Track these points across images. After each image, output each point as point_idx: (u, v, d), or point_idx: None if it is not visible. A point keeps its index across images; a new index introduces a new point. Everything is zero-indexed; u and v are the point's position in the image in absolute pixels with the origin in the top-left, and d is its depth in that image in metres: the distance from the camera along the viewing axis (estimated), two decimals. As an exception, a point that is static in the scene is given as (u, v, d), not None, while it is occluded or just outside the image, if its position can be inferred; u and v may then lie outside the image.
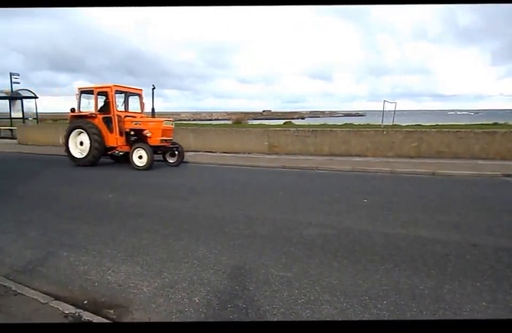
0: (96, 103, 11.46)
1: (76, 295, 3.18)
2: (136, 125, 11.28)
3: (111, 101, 11.18)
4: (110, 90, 11.18)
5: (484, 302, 2.99)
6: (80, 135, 11.54)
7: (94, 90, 11.41)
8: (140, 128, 11.16)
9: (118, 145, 11.44)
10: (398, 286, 3.27)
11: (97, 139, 11.15)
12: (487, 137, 11.98)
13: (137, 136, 11.21)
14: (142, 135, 11.05)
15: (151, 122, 11.25)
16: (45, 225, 5.15)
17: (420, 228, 4.92)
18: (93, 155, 11.23)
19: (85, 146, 11.37)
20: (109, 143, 11.46)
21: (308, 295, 3.12)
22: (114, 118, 11.25)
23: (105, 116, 11.36)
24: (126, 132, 11.36)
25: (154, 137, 10.97)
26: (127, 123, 11.36)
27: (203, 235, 4.67)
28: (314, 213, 5.75)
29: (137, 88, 12.20)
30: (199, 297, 3.11)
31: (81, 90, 11.80)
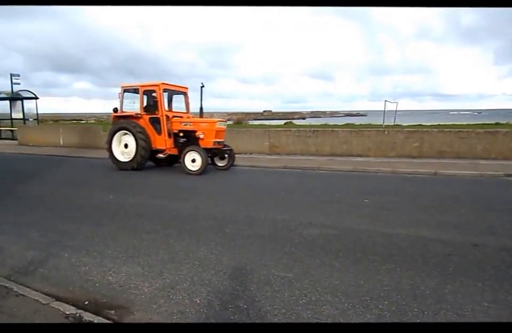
0: (141, 102, 10.68)
1: (77, 296, 3.19)
2: (186, 126, 10.49)
3: (159, 100, 10.36)
4: (158, 88, 10.38)
5: (485, 302, 2.98)
6: (124, 137, 10.77)
7: (140, 89, 10.61)
8: (191, 130, 10.37)
9: (166, 147, 10.61)
10: (399, 287, 3.26)
11: (144, 141, 10.34)
12: (489, 137, 11.96)
13: (187, 138, 10.43)
14: (193, 137, 10.29)
15: (203, 123, 10.49)
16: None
17: (421, 228, 4.91)
18: (139, 159, 10.42)
19: (130, 149, 10.57)
20: (156, 145, 10.66)
21: (309, 296, 3.11)
22: (163, 118, 10.46)
23: (152, 116, 10.58)
24: (174, 133, 10.58)
25: (207, 139, 10.17)
26: (175, 123, 10.58)
27: (204, 236, 4.67)
28: (315, 213, 5.74)
29: (183, 86, 11.39)
30: (200, 298, 3.11)
31: (124, 88, 10.98)
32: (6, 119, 22.35)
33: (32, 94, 22.50)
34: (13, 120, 22.03)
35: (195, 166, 9.85)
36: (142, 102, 10.62)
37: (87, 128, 19.76)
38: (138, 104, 10.67)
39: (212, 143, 10.17)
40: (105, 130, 17.22)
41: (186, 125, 10.52)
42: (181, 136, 10.52)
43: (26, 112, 22.43)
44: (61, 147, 17.71)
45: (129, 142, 10.61)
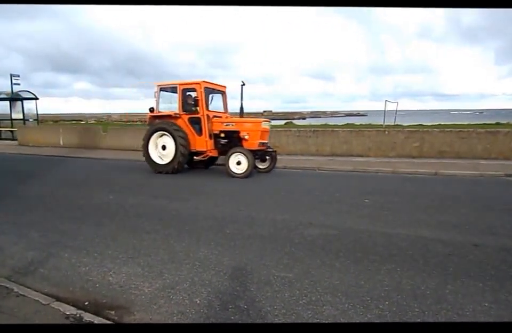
0: (180, 101, 10.10)
1: (77, 297, 3.18)
2: (228, 127, 9.93)
3: (200, 99, 9.81)
4: (198, 87, 9.85)
5: (486, 302, 2.97)
6: (162, 138, 10.24)
7: (179, 87, 10.07)
8: (233, 130, 9.82)
9: (207, 149, 10.11)
10: (399, 287, 3.26)
11: (184, 142, 9.81)
12: (489, 137, 11.96)
13: (229, 139, 9.94)
14: (235, 137, 9.79)
15: (247, 123, 9.90)
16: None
17: (421, 228, 4.91)
18: (179, 161, 9.89)
19: (168, 151, 10.04)
20: (196, 147, 10.16)
21: (310, 296, 3.11)
22: (204, 118, 9.92)
23: (192, 116, 10.07)
24: (215, 134, 10.06)
25: (252, 140, 9.60)
26: (216, 123, 10.03)
27: (204, 236, 4.67)
28: (315, 213, 5.74)
29: (222, 85, 10.89)
30: (200, 298, 3.11)
31: (160, 87, 10.45)
32: (6, 119, 22.36)
33: (32, 95, 22.51)
34: (13, 121, 22.04)
35: (240, 168, 9.38)
36: (180, 101, 10.11)
37: (87, 129, 19.78)
38: (177, 104, 10.15)
39: (257, 144, 9.62)
40: (105, 130, 17.25)
41: (228, 125, 9.97)
42: (222, 137, 10.00)
43: (26, 113, 22.45)
44: (61, 147, 17.72)
45: (168, 143, 10.07)
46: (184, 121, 10.08)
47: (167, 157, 10.07)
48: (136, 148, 15.62)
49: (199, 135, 10.07)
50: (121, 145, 16.24)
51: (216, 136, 10.06)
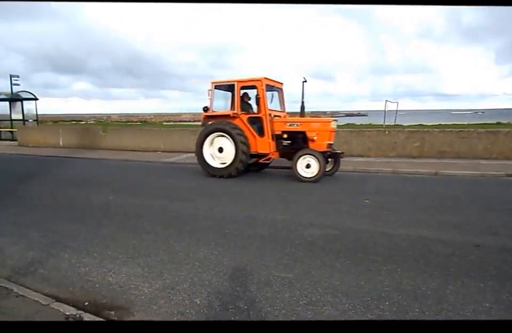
0: (238, 100, 9.44)
1: (77, 297, 3.18)
2: (292, 127, 9.18)
3: (262, 97, 9.06)
4: (260, 84, 9.09)
5: (487, 303, 2.97)
6: (218, 140, 9.50)
7: (237, 85, 9.39)
8: (298, 131, 9.09)
9: (270, 151, 9.32)
10: (400, 287, 3.25)
11: (244, 144, 9.05)
12: (490, 137, 11.94)
13: (292, 140, 9.19)
14: (300, 138, 9.10)
15: (315, 123, 9.19)
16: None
17: (422, 228, 4.90)
18: (239, 164, 9.10)
19: (226, 153, 9.27)
20: (257, 149, 9.35)
21: (310, 296, 3.10)
22: (266, 118, 9.15)
23: (252, 116, 9.41)
24: (276, 135, 9.29)
25: (321, 141, 8.86)
26: (277, 123, 9.28)
27: (204, 236, 4.66)
28: (315, 213, 5.73)
29: (280, 82, 10.13)
30: (200, 298, 3.10)
31: (215, 85, 9.76)
32: (5, 120, 22.36)
33: (32, 95, 22.51)
34: (13, 121, 22.04)
35: (310, 172, 8.65)
36: (239, 100, 9.45)
37: (86, 129, 19.77)
38: (235, 103, 9.50)
39: (325, 145, 8.90)
40: (105, 131, 17.25)
41: (292, 125, 9.22)
42: (284, 138, 9.22)
43: (25, 113, 22.44)
44: (60, 147, 17.72)
45: (225, 145, 9.31)
46: (242, 122, 9.36)
47: (225, 159, 9.35)
48: (135, 148, 15.67)
49: (260, 137, 9.30)
50: (120, 146, 16.24)
51: (277, 137, 9.31)
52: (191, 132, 15.34)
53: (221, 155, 9.43)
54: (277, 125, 9.28)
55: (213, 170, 9.45)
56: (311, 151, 8.74)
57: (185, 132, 15.58)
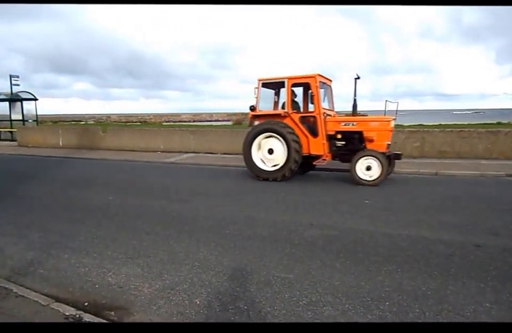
0: (289, 98, 8.85)
1: (76, 297, 3.18)
2: (347, 127, 8.59)
3: (315, 95, 8.52)
4: (313, 81, 8.54)
5: (487, 303, 2.96)
6: (267, 141, 8.92)
7: (287, 82, 8.78)
8: (354, 130, 8.52)
9: (324, 153, 8.70)
10: (400, 287, 3.24)
11: (297, 146, 8.51)
12: (490, 137, 11.92)
13: (348, 140, 8.63)
14: (356, 139, 8.56)
15: (374, 122, 8.58)
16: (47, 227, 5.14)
17: (422, 229, 4.89)
18: (292, 167, 8.52)
19: (277, 155, 8.73)
20: (310, 150, 8.76)
21: (310, 297, 3.10)
22: (320, 117, 8.57)
23: (304, 115, 8.90)
24: (329, 135, 8.68)
25: (380, 142, 8.28)
26: (331, 123, 8.68)
27: (203, 237, 4.65)
28: (315, 214, 5.72)
29: (329, 79, 9.57)
30: (200, 299, 3.10)
31: (262, 82, 9.17)
32: (5, 120, 22.34)
33: (32, 95, 22.49)
34: (12, 122, 22.02)
35: (370, 175, 8.09)
36: (290, 98, 8.87)
37: (86, 129, 19.76)
38: (286, 101, 8.91)
39: (385, 146, 8.34)
40: (104, 131, 17.24)
41: (347, 124, 8.61)
42: (338, 139, 8.66)
43: (25, 114, 22.42)
44: (60, 148, 17.71)
45: (275, 146, 8.76)
46: (293, 121, 8.79)
47: (275, 162, 8.78)
48: (135, 149, 15.66)
49: (313, 137, 8.72)
50: (120, 146, 16.22)
51: (330, 138, 8.71)
52: (190, 132, 15.34)
53: (271, 157, 8.84)
54: (330, 124, 8.68)
55: (264, 173, 8.86)
56: (373, 152, 8.18)
57: (185, 132, 15.56)
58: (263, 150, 8.99)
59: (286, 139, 8.52)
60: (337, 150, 8.77)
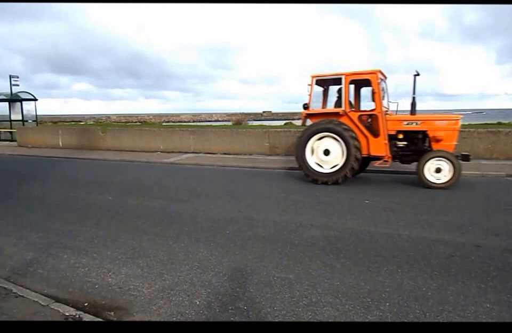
0: (347, 96, 8.34)
1: (76, 298, 3.17)
2: (410, 126, 8.11)
3: (377, 93, 8.05)
4: (374, 77, 8.05)
5: (488, 303, 2.96)
6: (322, 141, 8.37)
7: (345, 79, 8.29)
8: (418, 130, 8.07)
9: (386, 154, 8.14)
10: (401, 288, 3.24)
11: (358, 147, 7.99)
12: (491, 137, 11.90)
13: (410, 141, 8.20)
14: (420, 139, 8.14)
15: (440, 120, 8.07)
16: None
17: (423, 229, 4.89)
18: (350, 169, 8.00)
19: (333, 156, 8.20)
20: (370, 151, 8.23)
21: (310, 297, 3.09)
22: (382, 116, 8.07)
23: (364, 113, 8.42)
24: (390, 135, 8.17)
25: (448, 142, 7.86)
26: (392, 122, 8.17)
27: (203, 237, 4.65)
28: (315, 214, 5.72)
29: (385, 75, 9.04)
30: (199, 299, 3.09)
31: (316, 79, 8.68)
32: (5, 120, 22.33)
33: (31, 96, 22.48)
34: (12, 122, 22.01)
35: (440, 177, 7.69)
36: (347, 95, 8.37)
37: (85, 130, 19.76)
38: (344, 99, 8.37)
39: (453, 147, 7.93)
40: (104, 131, 17.23)
41: (410, 124, 8.12)
42: (399, 139, 8.18)
43: (25, 114, 22.40)
44: (60, 148, 17.69)
45: (331, 147, 8.22)
46: (350, 120, 8.27)
47: (331, 164, 8.26)
48: (135, 149, 15.65)
49: (374, 137, 8.18)
50: (120, 146, 16.21)
51: (390, 138, 8.21)
52: (190, 132, 15.33)
53: (327, 159, 8.30)
54: (390, 123, 8.15)
55: (319, 175, 8.31)
56: (445, 153, 7.71)
57: (184, 132, 15.55)
58: (317, 152, 8.44)
59: (346, 139, 7.99)
60: (397, 151, 8.30)
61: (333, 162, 8.25)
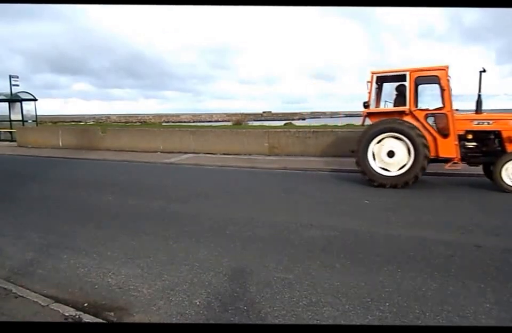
0: (412, 93, 7.86)
1: (76, 298, 3.17)
2: (481, 126, 7.65)
3: (446, 90, 7.61)
4: (443, 74, 7.59)
5: (487, 304, 2.96)
6: (386, 142, 7.87)
7: (410, 75, 7.80)
8: (490, 130, 7.60)
9: (456, 156, 7.66)
10: (400, 288, 3.24)
11: (426, 144, 7.52)
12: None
13: (481, 141, 7.75)
14: (491, 140, 7.66)
15: None
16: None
17: (423, 229, 4.89)
18: (419, 171, 7.54)
19: (399, 158, 7.71)
20: (439, 153, 7.73)
21: (310, 297, 3.09)
22: (452, 115, 7.63)
23: (432, 112, 7.96)
24: (458, 135, 7.70)
25: None
26: (460, 122, 7.70)
27: (203, 237, 4.65)
28: (315, 214, 5.72)
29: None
30: (199, 299, 3.09)
31: (378, 76, 8.26)
32: (5, 120, 22.33)
33: (31, 96, 22.47)
34: (12, 122, 22.00)
35: None
36: (413, 93, 7.89)
37: (85, 130, 19.77)
38: (409, 97, 7.88)
39: None
40: (104, 131, 17.23)
41: (481, 123, 7.65)
42: (469, 140, 7.73)
43: (25, 114, 22.39)
44: (60, 148, 17.69)
45: (396, 148, 7.74)
46: (416, 120, 7.83)
47: (396, 166, 7.76)
48: (134, 149, 15.64)
49: (443, 137, 7.71)
50: (120, 146, 16.20)
51: (459, 138, 7.74)
52: (190, 132, 15.34)
53: (391, 161, 7.81)
54: (459, 123, 7.67)
55: (382, 178, 7.79)
56: None
57: (184, 132, 15.55)
58: (379, 153, 7.93)
59: (412, 138, 7.53)
60: (466, 152, 7.79)
61: (399, 164, 7.76)
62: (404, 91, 8.03)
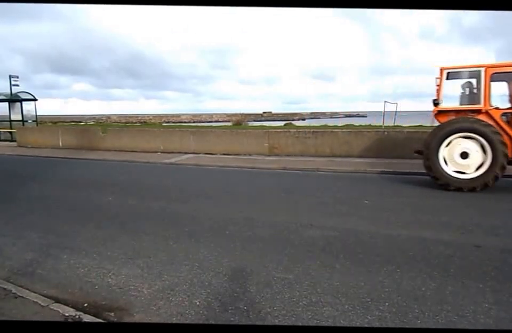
0: (487, 91, 7.36)
1: (76, 298, 3.17)
2: None
3: None
4: None
5: (486, 303, 2.96)
6: (458, 142, 7.36)
7: (485, 72, 7.26)
8: None
9: None
10: (400, 288, 3.25)
11: (503, 141, 7.03)
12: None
13: None
14: None
15: None
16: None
17: (423, 229, 4.89)
18: (501, 168, 7.07)
19: (473, 160, 7.22)
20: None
21: (309, 297, 3.10)
22: None
23: (509, 111, 7.47)
24: None
25: None
26: None
27: (203, 237, 4.65)
28: (315, 214, 5.72)
29: None
30: (199, 299, 3.09)
31: (448, 71, 7.71)
32: (5, 121, 22.33)
33: (31, 96, 22.46)
34: (12, 122, 22.00)
35: None
36: (488, 90, 7.37)
37: (85, 130, 19.78)
38: (483, 94, 7.39)
39: None
40: (104, 131, 17.24)
41: None
42: None
43: (25, 114, 22.39)
44: (60, 148, 17.69)
45: (471, 149, 7.24)
46: (491, 119, 7.33)
47: (470, 168, 7.26)
48: (135, 149, 15.65)
49: None
50: (120, 147, 16.21)
51: None
52: (190, 132, 15.34)
53: (464, 162, 7.30)
54: None
55: (461, 183, 7.25)
56: None
57: (184, 132, 15.55)
58: (451, 154, 7.42)
59: (489, 138, 7.03)
60: None
61: (470, 167, 7.29)
62: (472, 88, 7.69)
